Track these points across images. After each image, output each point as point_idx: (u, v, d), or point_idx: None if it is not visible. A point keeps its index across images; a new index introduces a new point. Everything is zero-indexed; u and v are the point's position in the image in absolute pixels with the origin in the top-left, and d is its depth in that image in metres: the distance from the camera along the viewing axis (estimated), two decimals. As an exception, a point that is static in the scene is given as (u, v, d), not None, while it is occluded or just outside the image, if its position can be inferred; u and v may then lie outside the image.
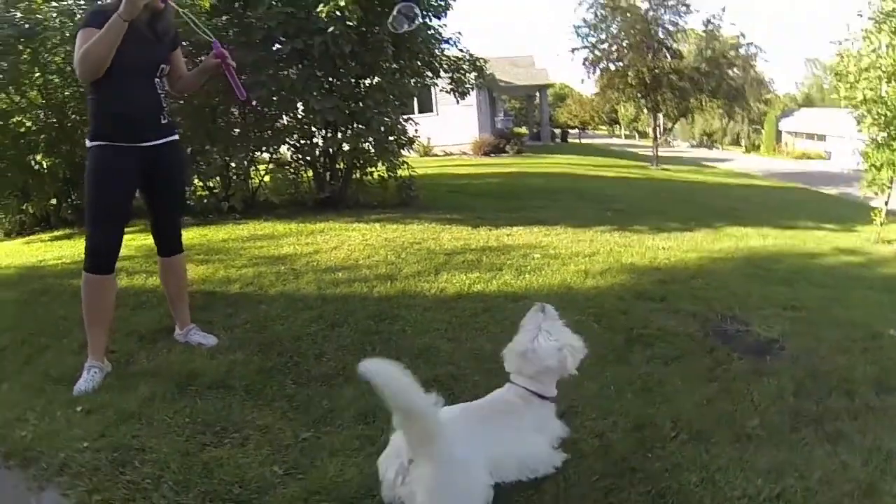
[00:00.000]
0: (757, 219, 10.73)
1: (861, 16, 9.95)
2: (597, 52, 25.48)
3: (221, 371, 3.36)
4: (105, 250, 3.36)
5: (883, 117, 9.53)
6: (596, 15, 25.21)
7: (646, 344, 3.78)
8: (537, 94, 39.99)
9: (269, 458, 2.55)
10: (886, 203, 10.16)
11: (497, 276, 5.34)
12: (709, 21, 25.28)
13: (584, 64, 25.74)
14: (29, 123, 8.80)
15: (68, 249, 7.15)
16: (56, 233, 8.74)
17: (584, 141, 45.54)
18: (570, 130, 55.37)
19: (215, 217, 8.81)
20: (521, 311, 2.49)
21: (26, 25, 7.69)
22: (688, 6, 24.67)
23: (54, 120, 8.79)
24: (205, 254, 6.45)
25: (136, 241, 6.44)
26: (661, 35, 24.84)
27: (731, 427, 2.82)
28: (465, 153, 25.91)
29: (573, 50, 25.89)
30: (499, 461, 2.06)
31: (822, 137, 48.55)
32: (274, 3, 8.53)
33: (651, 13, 24.69)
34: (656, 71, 24.55)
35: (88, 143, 3.37)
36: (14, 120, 8.65)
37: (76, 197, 9.21)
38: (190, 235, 7.32)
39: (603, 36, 25.43)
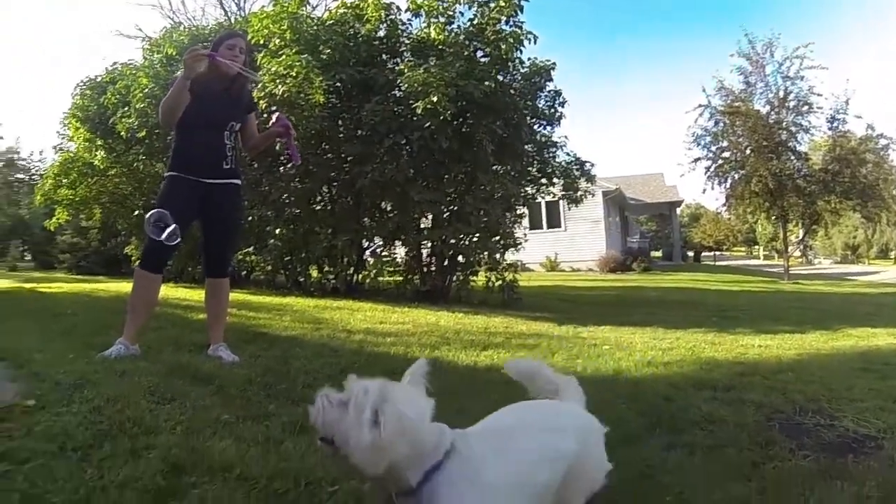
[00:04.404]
0: (893, 320, 9.01)
1: None
2: (720, 160, 23.69)
3: (213, 373, 3.30)
4: (157, 253, 3.79)
5: None
6: (716, 123, 23.64)
7: (675, 430, 2.87)
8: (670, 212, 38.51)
9: (175, 419, 2.42)
10: None
11: (546, 357, 4.68)
12: (833, 117, 22.74)
13: (706, 174, 24.10)
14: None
15: (180, 292, 8.25)
16: (182, 283, 10.18)
17: (719, 263, 42.67)
18: (706, 252, 52.77)
19: (318, 293, 9.04)
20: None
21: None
22: (810, 105, 22.41)
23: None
24: (283, 312, 6.77)
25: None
26: (783, 137, 22.69)
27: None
28: (591, 269, 24.94)
29: (695, 160, 24.09)
30: None
31: (983, 224, 42.50)
32: (382, 102, 8.81)
33: (773, 116, 22.77)
34: (781, 176, 22.34)
35: (164, 174, 3.99)
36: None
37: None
38: (287, 301, 8.06)
39: (724, 144, 23.64)
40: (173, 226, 3.61)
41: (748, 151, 23.02)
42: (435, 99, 8.12)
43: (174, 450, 2.05)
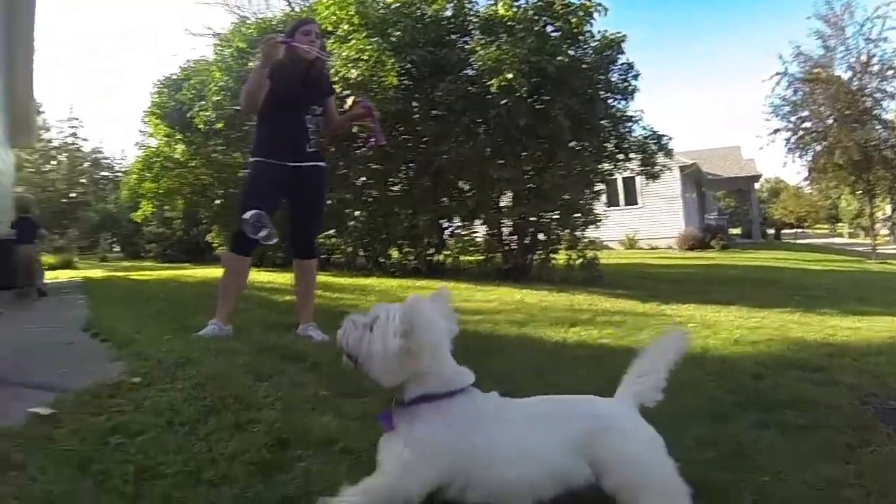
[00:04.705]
0: None
1: None
2: (800, 131, 22.42)
3: (305, 351, 3.36)
4: (245, 236, 3.82)
5: None
6: (795, 91, 22.46)
7: (764, 407, 2.81)
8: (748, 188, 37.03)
9: (273, 396, 2.50)
10: None
11: (632, 334, 4.71)
12: None
13: (786, 146, 22.87)
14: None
15: (263, 276, 8.43)
16: (263, 268, 10.20)
17: (799, 241, 40.72)
18: (786, 229, 50.70)
19: (399, 274, 9.22)
20: (627, 362, 1.94)
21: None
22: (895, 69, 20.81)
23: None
24: (367, 292, 7.02)
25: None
26: (867, 104, 21.17)
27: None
28: (670, 247, 24.38)
29: (775, 132, 22.95)
30: None
31: None
32: (455, 81, 8.91)
33: (855, 82, 21.32)
34: (866, 147, 20.84)
35: (249, 159, 4.11)
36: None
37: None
38: (369, 281, 8.33)
39: (805, 113, 22.36)
40: (270, 228, 3.74)
41: (830, 121, 21.74)
42: (510, 76, 8.14)
43: (277, 424, 2.14)
